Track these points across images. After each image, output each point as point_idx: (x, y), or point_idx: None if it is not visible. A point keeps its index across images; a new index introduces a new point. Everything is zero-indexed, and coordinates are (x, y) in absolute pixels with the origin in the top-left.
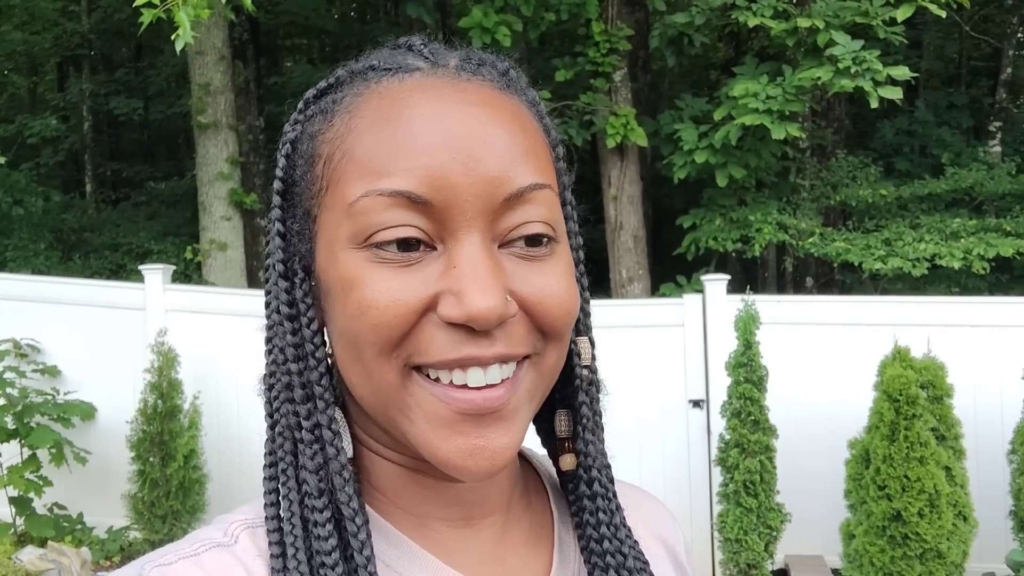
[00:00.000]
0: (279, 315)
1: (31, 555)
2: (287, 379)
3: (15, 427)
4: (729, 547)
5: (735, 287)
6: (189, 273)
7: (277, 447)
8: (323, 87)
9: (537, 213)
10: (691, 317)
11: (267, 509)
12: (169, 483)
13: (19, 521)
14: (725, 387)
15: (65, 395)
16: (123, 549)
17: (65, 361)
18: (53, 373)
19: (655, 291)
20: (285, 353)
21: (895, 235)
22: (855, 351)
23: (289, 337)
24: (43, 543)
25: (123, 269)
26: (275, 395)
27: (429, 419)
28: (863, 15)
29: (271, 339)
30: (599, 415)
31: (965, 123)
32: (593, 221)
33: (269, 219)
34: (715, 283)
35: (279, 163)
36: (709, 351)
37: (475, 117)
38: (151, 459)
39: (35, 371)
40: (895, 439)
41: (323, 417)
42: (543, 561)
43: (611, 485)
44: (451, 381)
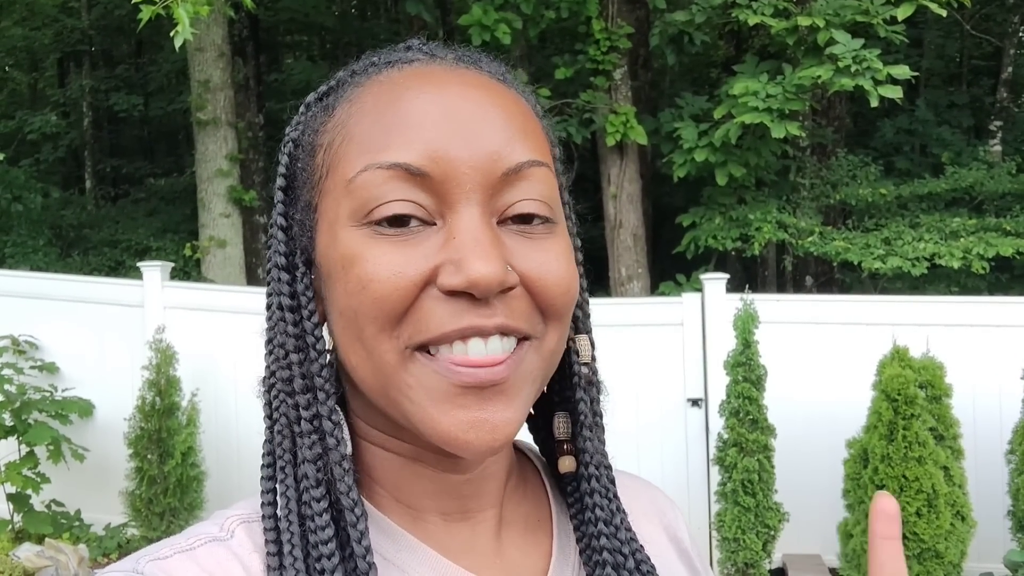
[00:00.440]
0: (280, 309)
1: (28, 552)
2: (287, 373)
3: (13, 424)
4: (727, 546)
5: (734, 286)
6: (188, 270)
7: (276, 444)
8: (324, 90)
9: (535, 191)
10: (690, 316)
11: (264, 505)
12: (167, 480)
13: (17, 518)
14: (724, 386)
15: (63, 392)
16: (121, 546)
17: (63, 358)
18: (51, 370)
19: (654, 290)
20: (286, 347)
21: (895, 234)
22: (854, 350)
23: (290, 328)
24: (41, 540)
25: (122, 266)
26: (275, 393)
27: (430, 394)
28: (863, 14)
29: (271, 337)
30: (599, 415)
31: (965, 122)
32: (592, 219)
33: (272, 215)
34: (714, 282)
35: (281, 160)
36: (708, 350)
37: (474, 98)
38: (149, 456)
39: (33, 368)
40: (893, 439)
41: (323, 408)
42: (542, 552)
43: (612, 486)
44: (452, 353)
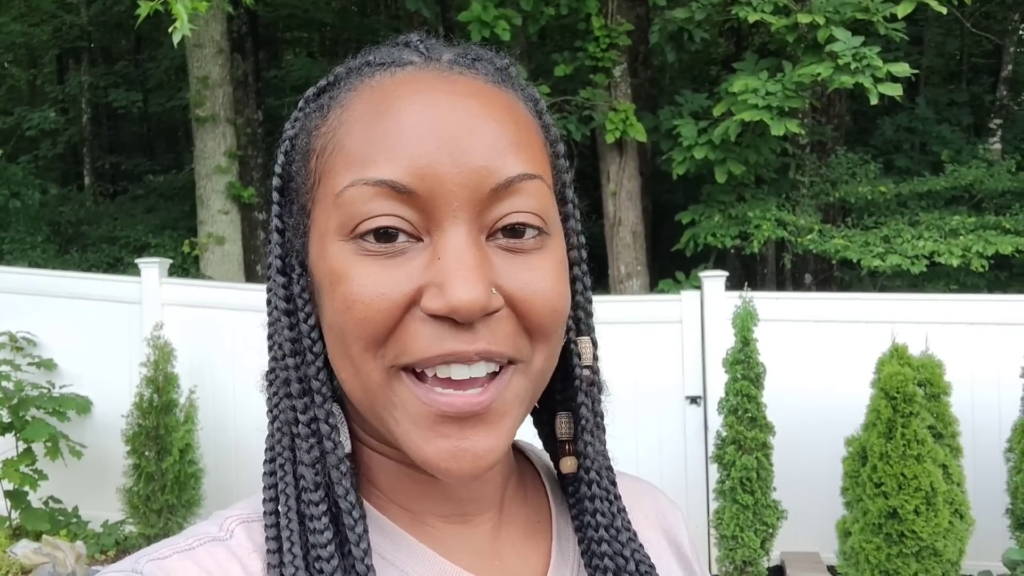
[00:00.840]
0: (278, 311)
1: (26, 549)
2: (285, 374)
3: (10, 420)
4: (725, 544)
5: (733, 283)
6: (187, 267)
7: (276, 443)
8: (322, 85)
9: (526, 204)
10: (689, 313)
11: (265, 504)
12: (165, 477)
13: (14, 515)
14: (722, 384)
15: (61, 389)
16: (118, 543)
17: (61, 354)
18: (49, 366)
19: (653, 287)
20: (283, 348)
21: (894, 232)
22: (853, 348)
23: (287, 332)
24: (38, 537)
25: (120, 263)
26: (275, 391)
27: (413, 420)
28: (863, 11)
29: (272, 335)
30: (600, 416)
31: (965, 120)
32: (592, 217)
33: (268, 216)
34: (713, 280)
35: (278, 160)
36: (707, 348)
37: (464, 108)
38: (147, 453)
39: (31, 364)
40: (892, 436)
41: (320, 411)
42: (542, 554)
43: (613, 487)
44: (435, 375)
